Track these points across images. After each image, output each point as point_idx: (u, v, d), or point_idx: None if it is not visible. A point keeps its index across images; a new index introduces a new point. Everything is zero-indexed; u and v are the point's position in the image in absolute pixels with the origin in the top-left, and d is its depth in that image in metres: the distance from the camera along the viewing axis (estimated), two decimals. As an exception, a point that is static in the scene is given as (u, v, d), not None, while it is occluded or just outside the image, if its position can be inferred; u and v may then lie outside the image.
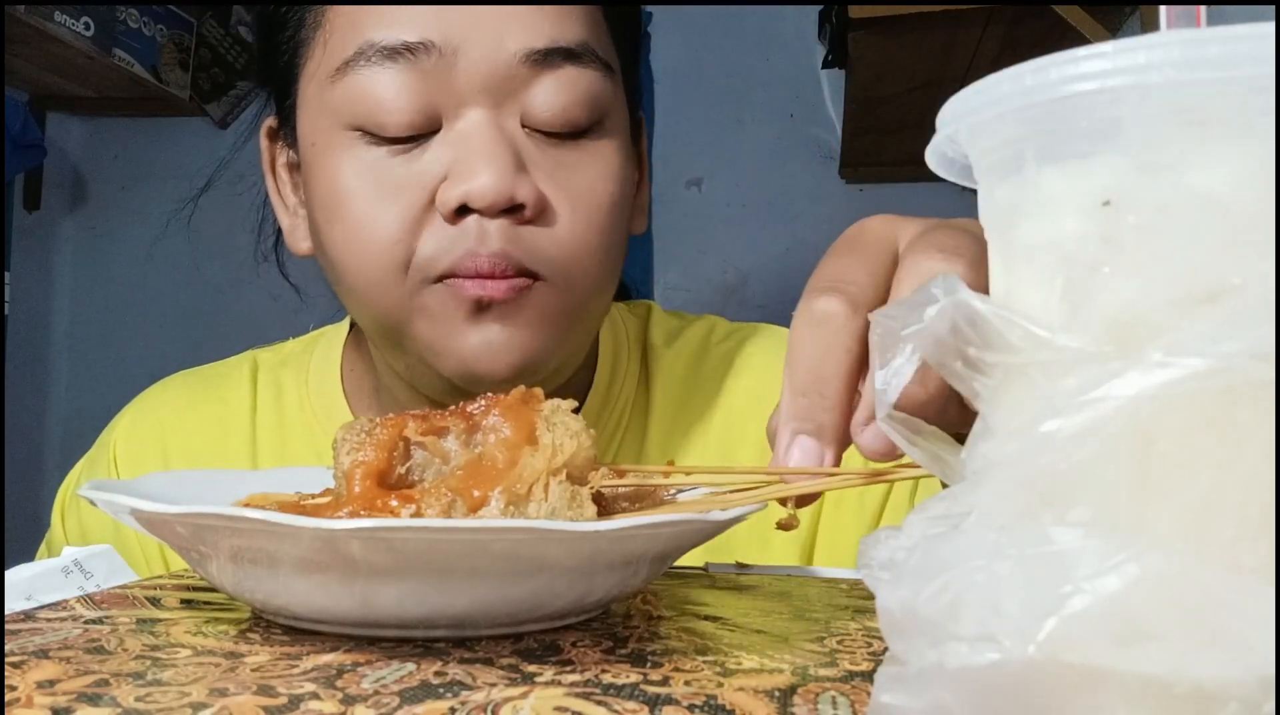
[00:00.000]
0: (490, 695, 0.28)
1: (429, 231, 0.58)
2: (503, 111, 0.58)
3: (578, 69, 0.59)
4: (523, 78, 0.58)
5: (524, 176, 0.57)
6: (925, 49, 1.64)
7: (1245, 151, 0.20)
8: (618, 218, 0.62)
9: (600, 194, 0.60)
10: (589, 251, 0.60)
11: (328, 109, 0.60)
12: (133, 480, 0.43)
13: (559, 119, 0.59)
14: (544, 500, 0.36)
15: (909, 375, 0.24)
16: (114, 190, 2.54)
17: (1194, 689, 0.18)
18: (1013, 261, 0.25)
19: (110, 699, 0.27)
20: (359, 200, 0.59)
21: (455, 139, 0.58)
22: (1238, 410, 0.19)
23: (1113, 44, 0.21)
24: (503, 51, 0.58)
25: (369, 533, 0.31)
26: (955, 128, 0.25)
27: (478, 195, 0.56)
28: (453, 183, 0.57)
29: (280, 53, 0.64)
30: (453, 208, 0.57)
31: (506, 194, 0.56)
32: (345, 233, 0.60)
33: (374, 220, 0.58)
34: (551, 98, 0.58)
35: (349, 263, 0.60)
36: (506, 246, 0.57)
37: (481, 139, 0.57)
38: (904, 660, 0.21)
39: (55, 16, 2.01)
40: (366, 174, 0.59)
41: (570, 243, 0.59)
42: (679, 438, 0.71)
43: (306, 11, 0.62)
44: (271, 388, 0.75)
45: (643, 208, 0.72)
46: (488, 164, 0.56)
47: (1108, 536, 0.20)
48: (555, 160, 0.59)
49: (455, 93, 0.58)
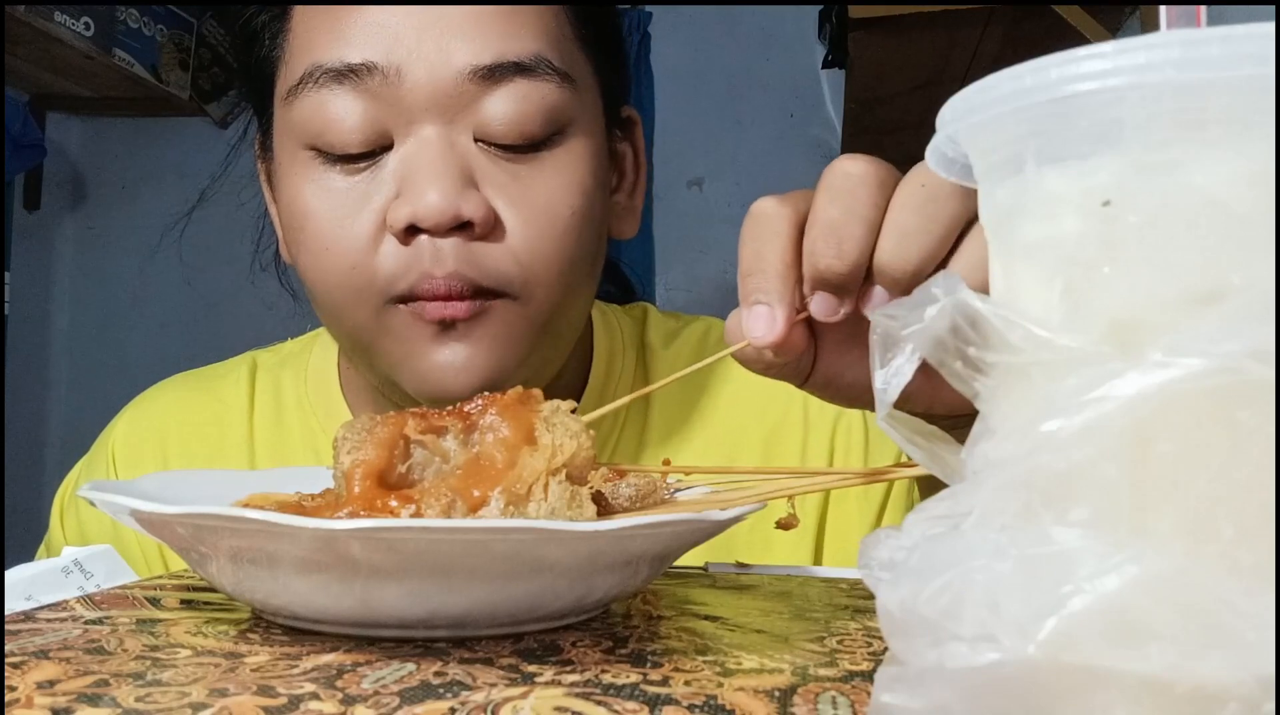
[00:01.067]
0: (490, 695, 0.28)
1: (385, 252, 0.58)
2: (455, 127, 0.58)
3: (530, 82, 0.58)
4: (472, 93, 0.57)
5: (472, 193, 0.57)
6: (925, 49, 1.64)
7: (1245, 151, 0.20)
8: (581, 229, 0.60)
9: (558, 206, 0.59)
10: (546, 265, 0.59)
11: (286, 129, 0.61)
12: (132, 481, 0.43)
13: (513, 132, 0.58)
14: (544, 500, 0.36)
15: (909, 375, 0.24)
16: (114, 190, 2.54)
17: (1194, 689, 0.18)
18: (1013, 262, 0.25)
19: (110, 699, 0.27)
20: (318, 221, 0.59)
21: (405, 157, 0.58)
22: (1238, 410, 0.19)
23: (1113, 44, 0.21)
24: (448, 69, 0.57)
25: (369, 533, 0.31)
26: (955, 128, 0.25)
27: (423, 215, 0.56)
28: (400, 202, 0.57)
29: (257, 70, 0.64)
30: (401, 227, 0.56)
31: (451, 212, 0.55)
32: (309, 254, 0.60)
33: (334, 242, 0.59)
34: (503, 112, 0.58)
35: (316, 283, 0.61)
36: (460, 267, 0.56)
37: (428, 157, 0.57)
38: (904, 660, 0.21)
39: (55, 16, 2.01)
40: (323, 194, 0.59)
41: (526, 257, 0.58)
42: (678, 438, 0.71)
43: (277, 29, 0.62)
44: (270, 388, 0.75)
45: (633, 210, 0.71)
46: (433, 182, 0.56)
47: (1108, 536, 0.20)
48: (509, 174, 0.58)
49: (404, 111, 0.57)
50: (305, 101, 0.58)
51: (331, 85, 0.57)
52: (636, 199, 0.71)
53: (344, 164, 0.59)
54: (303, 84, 0.58)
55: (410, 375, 0.59)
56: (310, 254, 0.60)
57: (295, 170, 0.60)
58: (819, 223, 0.40)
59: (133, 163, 2.52)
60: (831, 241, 0.39)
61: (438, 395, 0.58)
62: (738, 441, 0.70)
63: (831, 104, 2.34)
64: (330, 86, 0.57)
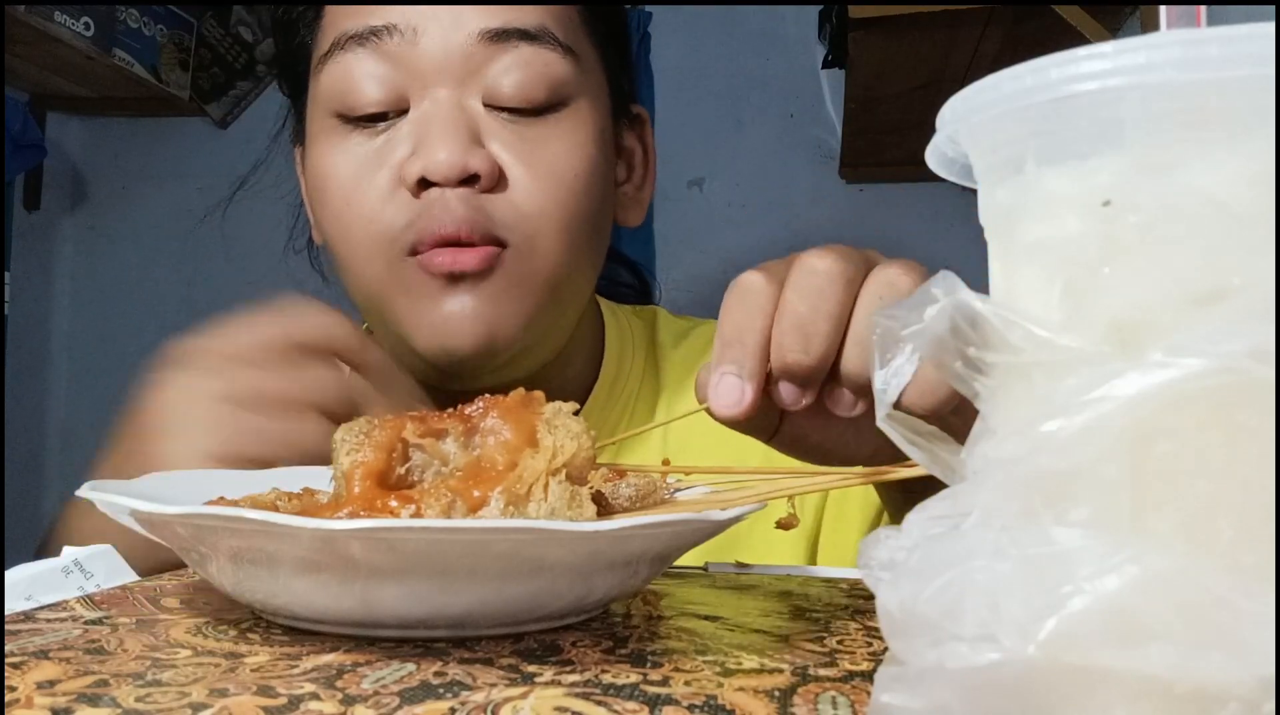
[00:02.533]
0: (490, 695, 0.28)
1: (399, 204, 0.62)
2: (465, 91, 0.63)
3: (534, 48, 0.63)
4: (482, 57, 0.62)
5: (479, 149, 0.61)
6: (925, 49, 1.64)
7: (1245, 151, 0.20)
8: (585, 192, 0.64)
9: (562, 166, 0.63)
10: (549, 218, 0.63)
11: (316, 101, 0.66)
12: (132, 481, 0.43)
13: (518, 95, 0.63)
14: (543, 500, 0.36)
15: (909, 375, 0.24)
16: (114, 190, 2.54)
17: (1194, 689, 0.18)
18: (1013, 262, 0.25)
19: (110, 699, 0.27)
20: (339, 181, 0.64)
21: (419, 118, 0.63)
22: (1238, 410, 0.19)
23: (1113, 44, 0.21)
24: (460, 31, 0.62)
25: (369, 533, 0.31)
26: (955, 128, 0.25)
27: (433, 168, 0.60)
28: (414, 159, 0.61)
29: (293, 57, 0.70)
30: (414, 180, 0.61)
31: (459, 165, 0.60)
32: (331, 214, 0.65)
33: (354, 197, 0.63)
34: (510, 75, 0.62)
35: (337, 242, 0.65)
36: (468, 213, 0.60)
37: (440, 116, 0.62)
38: (904, 660, 0.21)
39: (55, 16, 2.01)
40: (345, 156, 0.64)
41: (530, 208, 0.62)
42: (684, 434, 0.72)
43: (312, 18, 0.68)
44: None
45: (640, 202, 0.74)
46: (444, 139, 0.60)
47: (1108, 537, 0.20)
48: (517, 134, 0.63)
49: (420, 74, 0.62)
50: (332, 67, 0.64)
51: (355, 49, 0.63)
52: (645, 192, 0.75)
53: (364, 127, 0.64)
54: (331, 51, 0.64)
55: (420, 330, 0.63)
56: (332, 212, 0.65)
57: (322, 138, 0.65)
58: (787, 317, 0.42)
59: (133, 163, 2.52)
60: (798, 338, 0.41)
61: (447, 350, 0.62)
62: (744, 440, 0.70)
63: (831, 104, 2.34)
64: (354, 50, 0.63)
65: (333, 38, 0.64)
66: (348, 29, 0.63)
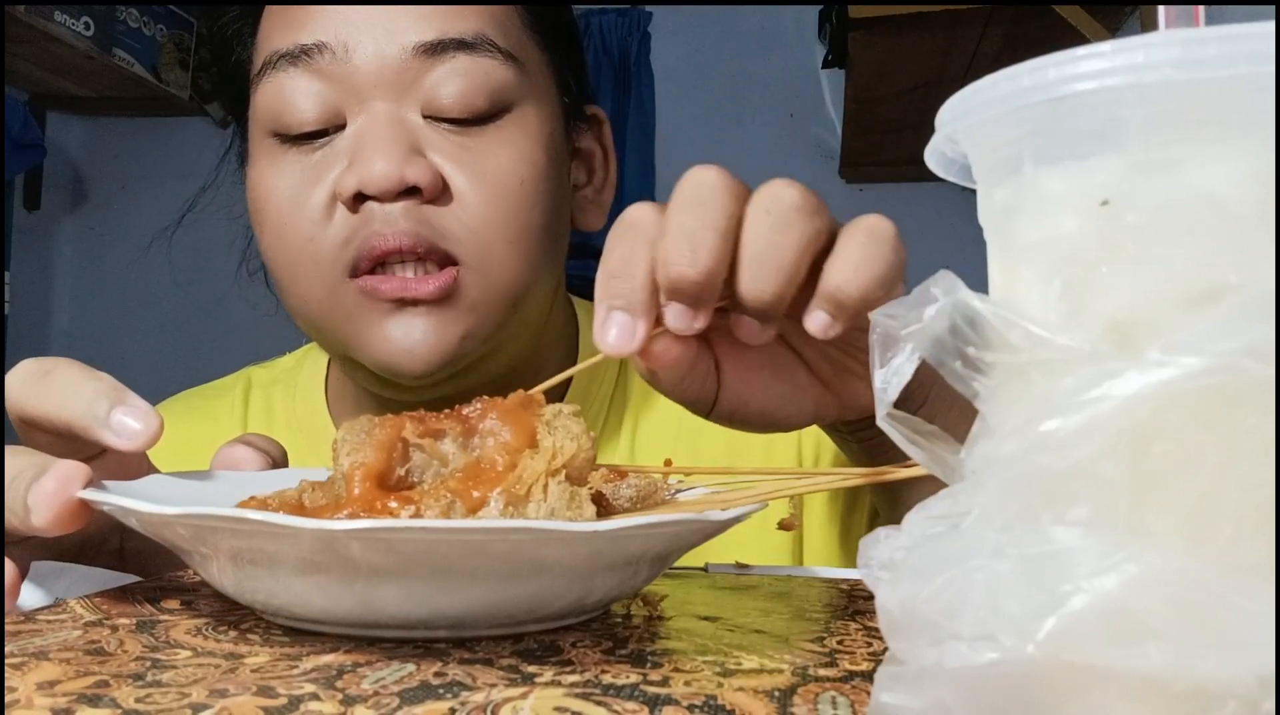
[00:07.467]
0: (490, 696, 0.28)
1: (337, 222, 0.60)
2: (403, 104, 0.60)
3: (472, 57, 0.61)
4: (417, 69, 0.60)
5: (419, 159, 0.59)
6: (925, 49, 1.64)
7: (1244, 151, 0.20)
8: (535, 201, 0.62)
9: (507, 175, 0.61)
10: (499, 230, 0.60)
11: (254, 120, 0.64)
12: (132, 482, 0.43)
13: (457, 105, 0.60)
14: (543, 501, 0.36)
15: (909, 375, 0.24)
16: (114, 190, 2.54)
17: (1193, 688, 0.18)
18: (1012, 262, 0.25)
19: (110, 700, 0.27)
20: (276, 200, 0.62)
21: (355, 133, 0.60)
22: (1236, 409, 0.19)
23: (1111, 44, 0.21)
24: (394, 45, 0.60)
25: (369, 533, 0.31)
26: (954, 128, 0.25)
27: (368, 180, 0.58)
28: (348, 172, 0.59)
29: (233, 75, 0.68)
30: (349, 194, 0.58)
31: (396, 176, 0.58)
32: (269, 234, 0.63)
33: (290, 217, 0.61)
34: (448, 85, 0.60)
35: (275, 261, 0.63)
36: (413, 226, 0.58)
37: (376, 128, 0.59)
38: (904, 660, 0.21)
39: (55, 16, 2.01)
40: (281, 175, 0.61)
41: (476, 221, 0.60)
42: (654, 435, 0.71)
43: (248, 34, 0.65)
44: (262, 406, 0.76)
45: (600, 204, 0.72)
46: (379, 150, 0.58)
47: (1107, 536, 0.20)
48: (459, 144, 0.61)
49: (355, 89, 0.60)
50: (265, 86, 0.62)
51: (287, 68, 0.61)
52: (605, 194, 0.72)
53: (300, 145, 0.61)
54: (263, 71, 0.62)
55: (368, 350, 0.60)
56: (270, 233, 0.62)
57: (260, 158, 0.63)
58: (671, 230, 0.39)
59: (133, 163, 2.52)
60: (684, 250, 0.38)
61: (397, 371, 0.60)
62: (744, 442, 0.70)
63: (831, 104, 2.34)
64: (286, 69, 0.61)
65: (265, 56, 0.62)
66: (279, 47, 0.61)
